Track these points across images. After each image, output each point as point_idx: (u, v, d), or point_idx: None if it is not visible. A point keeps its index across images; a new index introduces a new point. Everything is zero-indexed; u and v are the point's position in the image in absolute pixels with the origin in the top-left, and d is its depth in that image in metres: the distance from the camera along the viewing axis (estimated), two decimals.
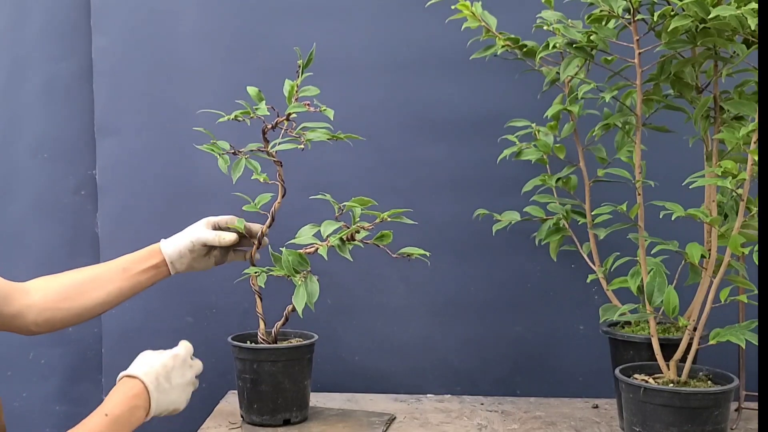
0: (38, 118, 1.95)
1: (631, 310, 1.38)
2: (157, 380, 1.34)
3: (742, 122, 1.41)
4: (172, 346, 1.90)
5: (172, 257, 1.54)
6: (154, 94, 1.89)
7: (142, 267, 1.52)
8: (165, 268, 1.55)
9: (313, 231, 1.43)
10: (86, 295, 1.48)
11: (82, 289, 1.48)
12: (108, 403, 1.29)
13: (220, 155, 1.44)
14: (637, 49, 1.38)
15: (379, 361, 1.88)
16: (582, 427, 1.60)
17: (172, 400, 1.37)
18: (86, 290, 1.48)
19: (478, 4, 1.59)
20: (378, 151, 1.85)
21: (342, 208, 1.45)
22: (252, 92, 1.52)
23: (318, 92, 1.51)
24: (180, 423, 1.90)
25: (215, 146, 1.46)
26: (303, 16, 1.85)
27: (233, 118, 1.51)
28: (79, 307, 1.47)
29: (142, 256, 1.54)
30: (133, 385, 1.32)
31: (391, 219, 1.44)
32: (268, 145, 1.53)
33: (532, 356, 1.85)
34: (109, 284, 1.50)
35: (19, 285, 1.45)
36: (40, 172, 1.95)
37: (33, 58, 1.94)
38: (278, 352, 1.57)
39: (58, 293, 1.46)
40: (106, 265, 1.54)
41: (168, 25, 1.88)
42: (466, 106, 1.83)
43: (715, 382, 1.37)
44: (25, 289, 1.45)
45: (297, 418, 1.60)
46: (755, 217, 1.32)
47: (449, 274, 1.84)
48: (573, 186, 1.70)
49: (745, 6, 1.24)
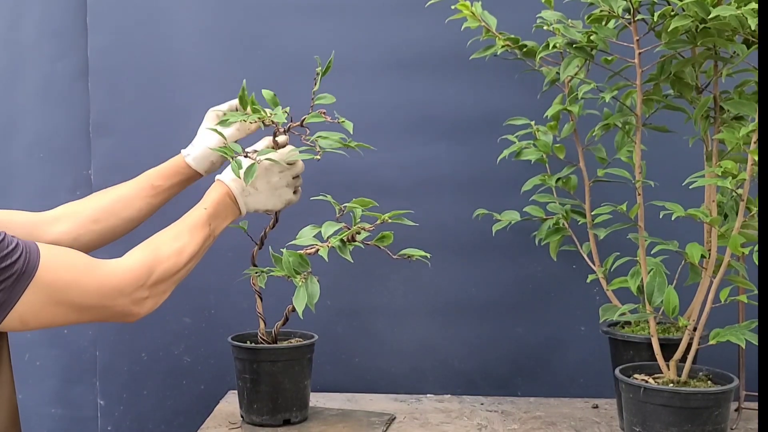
0: (34, 117, 1.94)
1: (631, 310, 1.38)
2: (242, 188, 1.43)
3: (742, 122, 1.41)
4: (169, 348, 1.91)
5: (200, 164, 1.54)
6: (151, 94, 1.89)
7: (171, 182, 1.53)
8: (195, 174, 1.56)
9: (314, 232, 1.43)
10: (117, 214, 1.50)
11: (112, 209, 1.50)
12: (205, 198, 1.42)
13: (232, 158, 1.43)
14: (637, 49, 1.38)
15: (379, 361, 1.88)
16: (582, 427, 1.60)
17: (261, 201, 1.46)
18: (116, 210, 1.50)
19: (478, 4, 1.59)
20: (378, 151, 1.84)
21: (343, 210, 1.45)
22: (267, 96, 1.50)
23: (334, 100, 1.50)
24: (181, 421, 1.92)
25: (228, 149, 1.45)
26: (302, 16, 1.85)
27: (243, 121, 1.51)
28: (111, 226, 1.50)
29: (167, 171, 1.54)
30: (221, 188, 1.43)
31: (392, 221, 1.43)
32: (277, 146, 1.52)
33: (532, 357, 1.85)
34: (139, 201, 1.51)
35: (45, 215, 1.47)
36: (36, 172, 1.95)
37: (29, 58, 1.94)
38: (278, 352, 1.57)
39: (89, 216, 1.48)
40: (133, 182, 1.53)
41: (164, 24, 1.88)
42: (466, 106, 1.83)
43: (715, 382, 1.37)
44: (53, 218, 1.47)
45: (297, 418, 1.60)
46: (755, 217, 1.32)
47: (449, 274, 1.84)
48: (573, 186, 1.70)
49: (745, 6, 1.24)
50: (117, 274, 1.25)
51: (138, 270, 1.26)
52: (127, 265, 1.27)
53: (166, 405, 1.91)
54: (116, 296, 1.24)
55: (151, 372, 1.92)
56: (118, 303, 1.24)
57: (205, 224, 1.38)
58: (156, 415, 1.92)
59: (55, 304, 1.19)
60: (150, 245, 1.31)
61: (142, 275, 1.26)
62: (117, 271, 1.25)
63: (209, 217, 1.39)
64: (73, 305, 1.21)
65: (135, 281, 1.25)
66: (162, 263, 1.29)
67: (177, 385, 1.91)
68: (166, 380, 1.91)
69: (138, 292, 1.26)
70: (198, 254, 1.36)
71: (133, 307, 1.26)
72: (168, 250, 1.31)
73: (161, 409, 1.92)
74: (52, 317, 1.20)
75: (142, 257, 1.29)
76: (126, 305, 1.25)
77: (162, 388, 1.91)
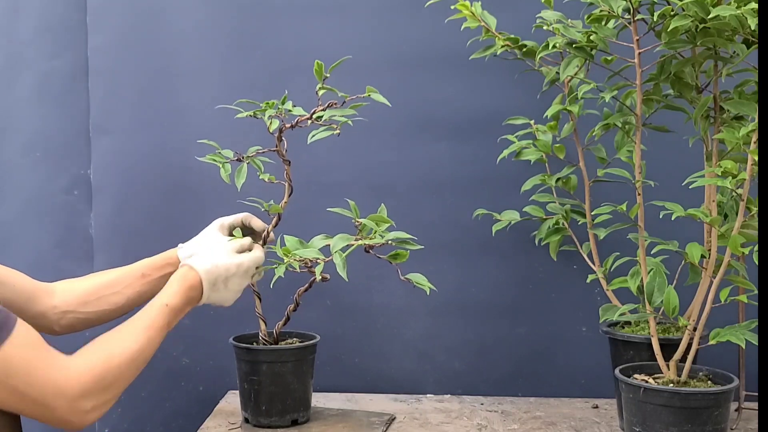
0: (32, 116, 1.93)
1: (631, 310, 1.37)
2: (215, 282, 1.41)
3: (742, 122, 1.41)
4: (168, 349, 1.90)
5: None
6: (150, 93, 1.89)
7: (161, 273, 1.52)
8: None
9: (323, 243, 1.42)
10: (105, 299, 1.49)
11: (101, 293, 1.49)
12: (168, 291, 1.36)
13: (222, 165, 1.42)
14: (637, 49, 1.38)
15: (379, 361, 1.88)
16: (582, 427, 1.60)
17: (223, 299, 1.44)
18: (105, 295, 1.49)
19: (477, 4, 1.59)
20: (378, 151, 1.85)
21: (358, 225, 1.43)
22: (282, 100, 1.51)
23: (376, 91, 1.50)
24: (180, 423, 1.91)
25: (218, 156, 1.44)
26: (302, 16, 1.85)
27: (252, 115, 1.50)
28: (98, 311, 1.49)
29: (159, 262, 1.53)
30: (192, 278, 1.39)
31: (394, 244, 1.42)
32: (280, 144, 1.52)
33: (532, 357, 1.85)
34: (128, 289, 1.51)
35: (44, 285, 1.46)
36: (33, 171, 1.93)
37: (27, 56, 1.93)
38: (287, 353, 1.57)
39: (79, 297, 1.48)
40: (125, 269, 1.53)
41: (164, 23, 1.87)
42: (466, 106, 1.83)
43: (715, 382, 1.37)
44: (50, 290, 1.46)
45: (303, 419, 1.60)
46: (755, 217, 1.32)
47: (449, 274, 1.83)
48: (573, 186, 1.70)
49: (745, 6, 1.24)
50: (64, 374, 1.16)
51: (86, 375, 1.17)
52: (77, 368, 1.18)
53: (164, 406, 1.91)
54: (57, 397, 1.15)
55: (149, 373, 1.89)
56: (57, 405, 1.15)
57: (165, 324, 1.32)
58: (155, 416, 1.91)
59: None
60: (103, 349, 1.24)
61: (89, 381, 1.17)
62: (65, 371, 1.16)
63: (171, 313, 1.33)
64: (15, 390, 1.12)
65: (80, 386, 1.16)
66: (112, 371, 1.20)
67: (176, 386, 1.91)
68: (164, 381, 1.91)
69: (81, 401, 1.16)
70: (149, 357, 1.29)
71: (72, 416, 1.16)
72: (120, 357, 1.23)
73: (160, 411, 1.91)
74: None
75: (93, 362, 1.20)
76: (65, 411, 1.15)
77: (160, 389, 1.91)
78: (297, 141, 1.55)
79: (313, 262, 1.40)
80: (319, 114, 1.47)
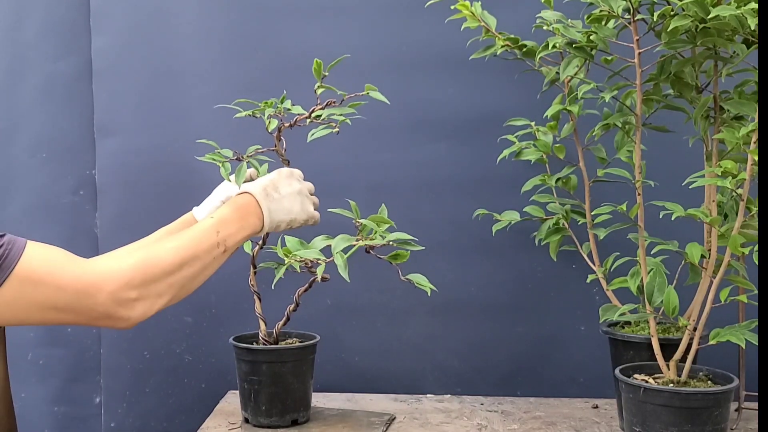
0: (37, 117, 1.95)
1: (631, 310, 1.37)
2: (264, 190, 1.36)
3: (742, 122, 1.41)
4: (171, 347, 1.91)
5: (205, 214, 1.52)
6: (154, 94, 1.89)
7: None
8: None
9: (324, 244, 1.42)
10: None
11: None
12: (217, 210, 1.33)
13: (222, 164, 1.43)
14: (637, 49, 1.38)
15: (379, 361, 1.88)
16: (582, 427, 1.60)
17: (286, 208, 1.38)
18: None
19: (477, 4, 1.59)
20: (378, 151, 1.85)
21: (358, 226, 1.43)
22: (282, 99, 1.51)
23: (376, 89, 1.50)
24: (181, 421, 1.92)
25: (218, 155, 1.45)
26: (302, 17, 1.85)
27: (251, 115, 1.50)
28: None
29: (177, 227, 1.51)
30: (242, 197, 1.35)
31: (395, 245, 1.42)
32: (279, 143, 1.52)
33: (532, 357, 1.85)
34: None
35: None
36: (39, 172, 1.95)
37: (32, 58, 1.94)
38: (288, 353, 1.57)
39: None
40: (145, 240, 1.50)
41: (167, 24, 1.88)
42: (466, 106, 1.83)
43: (715, 382, 1.37)
44: None
45: (303, 418, 1.60)
46: (755, 217, 1.32)
47: (449, 274, 1.84)
48: (573, 186, 1.70)
49: (745, 6, 1.24)
50: (98, 270, 1.11)
51: (124, 266, 1.13)
52: (111, 261, 1.14)
53: (168, 402, 1.92)
54: (95, 294, 1.10)
55: (153, 370, 1.92)
56: (98, 302, 1.10)
57: (210, 231, 1.26)
58: (158, 412, 1.92)
59: (30, 300, 1.08)
60: (142, 243, 1.25)
61: (128, 272, 1.12)
62: (98, 268, 1.12)
63: (217, 223, 1.28)
64: (47, 303, 1.09)
65: (119, 278, 1.11)
66: (154, 261, 1.16)
67: (178, 383, 1.92)
68: (167, 378, 1.92)
69: (123, 292, 1.11)
70: (202, 260, 1.23)
71: (119, 308, 1.11)
72: (162, 249, 1.19)
73: (163, 407, 1.92)
74: (26, 314, 1.09)
75: (130, 253, 1.17)
76: (108, 306, 1.11)
77: (164, 386, 1.92)
78: (297, 141, 1.55)
79: (314, 262, 1.40)
80: (318, 112, 1.47)
